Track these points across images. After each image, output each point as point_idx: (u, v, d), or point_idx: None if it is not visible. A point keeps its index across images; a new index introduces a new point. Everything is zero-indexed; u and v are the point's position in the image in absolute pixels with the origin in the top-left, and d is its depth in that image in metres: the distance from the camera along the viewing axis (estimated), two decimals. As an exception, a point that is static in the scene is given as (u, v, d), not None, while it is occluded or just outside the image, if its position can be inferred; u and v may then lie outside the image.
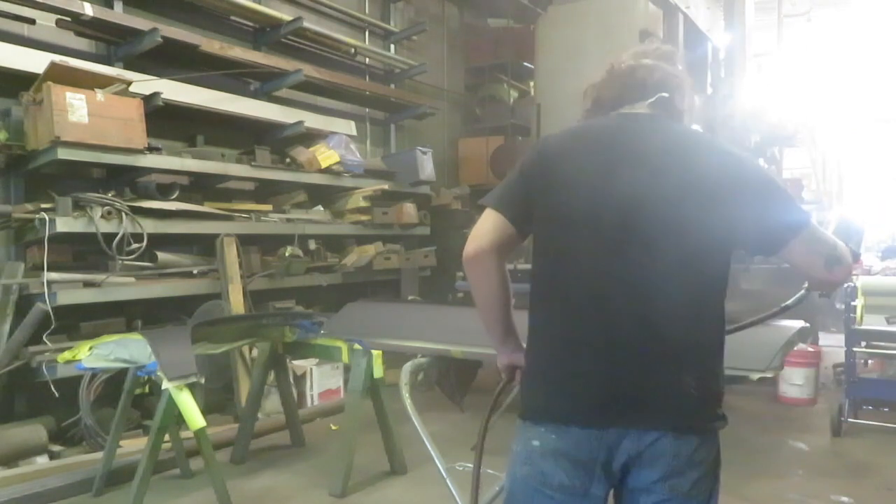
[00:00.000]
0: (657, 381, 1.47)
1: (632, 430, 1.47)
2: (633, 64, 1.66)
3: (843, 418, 4.74)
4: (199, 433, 3.23)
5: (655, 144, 1.53)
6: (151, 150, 4.52)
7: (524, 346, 1.67)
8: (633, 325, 1.47)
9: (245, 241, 5.24)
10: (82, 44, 4.79)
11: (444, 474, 2.82)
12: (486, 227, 1.58)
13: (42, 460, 3.98)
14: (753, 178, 1.50)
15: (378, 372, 3.84)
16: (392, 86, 7.53)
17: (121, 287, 4.36)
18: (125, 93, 4.35)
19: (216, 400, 4.95)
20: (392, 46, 7.67)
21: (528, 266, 1.80)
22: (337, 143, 6.03)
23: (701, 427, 1.51)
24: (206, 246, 5.15)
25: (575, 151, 1.58)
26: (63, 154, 4.01)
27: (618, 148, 1.54)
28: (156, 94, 4.58)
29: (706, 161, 1.51)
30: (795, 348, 2.17)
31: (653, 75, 1.62)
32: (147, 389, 4.18)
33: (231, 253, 4.98)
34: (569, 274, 1.53)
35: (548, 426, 1.52)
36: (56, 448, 4.13)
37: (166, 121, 4.88)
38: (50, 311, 3.95)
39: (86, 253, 4.49)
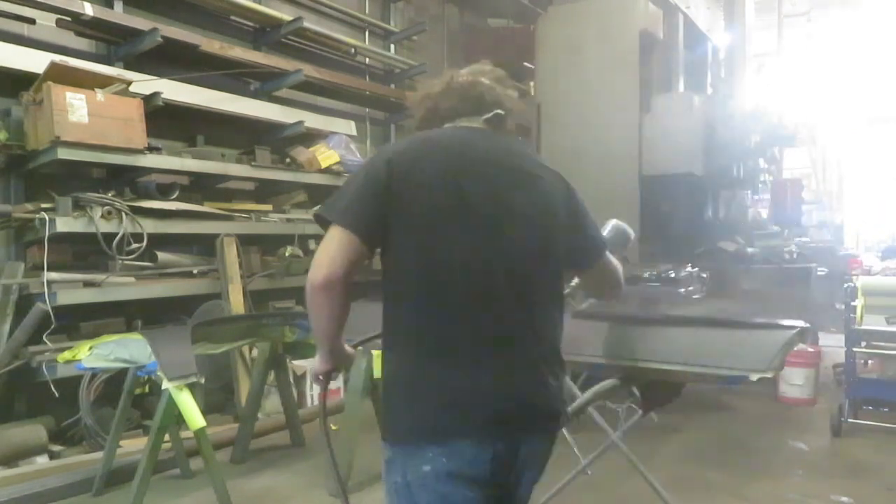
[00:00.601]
0: (541, 384, 1.52)
1: (526, 437, 1.49)
2: (472, 80, 1.73)
3: (843, 418, 4.74)
4: (199, 433, 3.23)
5: (501, 155, 1.61)
6: (151, 150, 4.52)
7: (348, 348, 1.70)
8: (519, 327, 1.50)
9: (245, 241, 5.24)
10: (82, 44, 4.78)
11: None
12: (337, 249, 1.46)
13: (42, 460, 3.98)
14: (577, 202, 1.68)
15: (378, 372, 3.84)
16: (392, 86, 7.53)
17: (121, 287, 4.36)
18: (125, 93, 4.35)
19: (216, 400, 4.95)
20: (392, 46, 7.67)
21: None
22: (337, 143, 6.02)
23: (560, 425, 1.59)
24: (206, 246, 5.15)
25: (427, 159, 1.54)
26: (63, 154, 4.01)
27: (469, 154, 1.57)
28: (156, 94, 4.58)
29: (544, 177, 1.64)
30: (795, 348, 2.17)
31: (490, 93, 1.71)
32: (147, 389, 4.18)
33: (231, 253, 4.97)
34: (444, 278, 1.47)
35: (434, 449, 1.44)
36: (56, 448, 4.13)
37: (166, 121, 4.87)
38: (50, 311, 3.94)
39: (86, 253, 4.49)
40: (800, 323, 2.18)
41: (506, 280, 1.49)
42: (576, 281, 1.95)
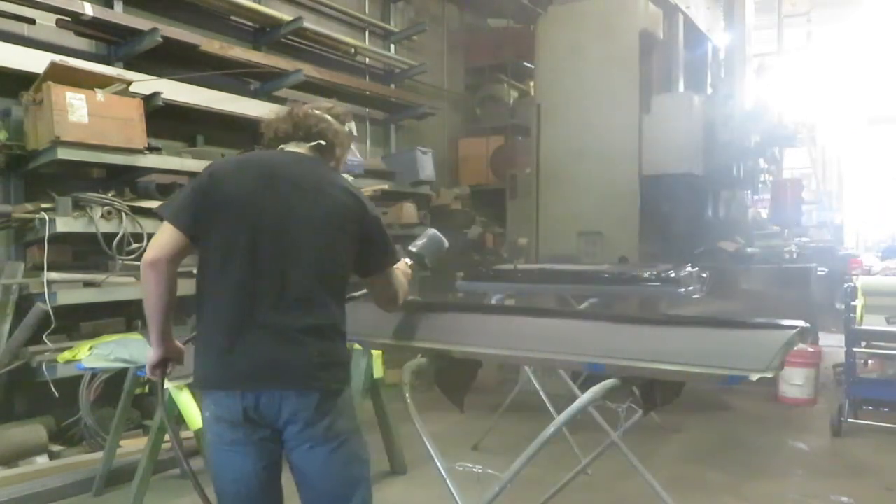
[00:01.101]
0: (289, 352, 1.87)
1: (267, 392, 1.86)
2: (308, 112, 2.10)
3: (843, 418, 4.74)
4: (200, 433, 3.23)
5: (304, 175, 1.99)
6: (151, 150, 4.52)
7: (178, 343, 2.08)
8: (268, 310, 1.87)
9: (245, 241, 5.23)
10: (82, 44, 4.78)
11: (444, 474, 2.82)
12: (164, 238, 1.90)
13: (42, 460, 3.98)
14: (371, 223, 2.03)
15: (378, 372, 3.84)
16: (392, 86, 7.53)
17: (121, 287, 4.35)
18: (125, 93, 4.35)
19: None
20: (392, 46, 7.67)
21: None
22: (337, 143, 6.02)
23: (319, 386, 1.90)
24: (206, 246, 5.14)
25: (239, 173, 1.97)
26: (63, 154, 4.00)
27: (276, 173, 1.97)
28: (156, 94, 4.58)
29: (340, 196, 2.00)
30: (795, 348, 2.16)
31: (319, 125, 2.08)
32: (147, 389, 4.18)
33: (231, 253, 4.96)
34: (229, 271, 1.89)
35: (208, 395, 1.95)
36: (56, 448, 4.13)
37: (166, 121, 4.87)
38: (50, 311, 3.94)
39: (86, 253, 4.48)
40: (800, 323, 2.18)
41: (275, 269, 1.88)
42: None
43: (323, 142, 2.08)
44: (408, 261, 2.45)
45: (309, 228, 1.93)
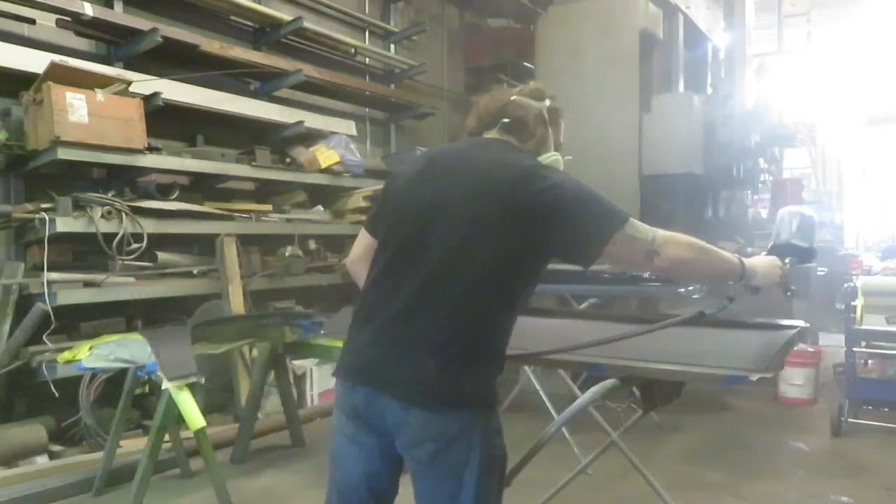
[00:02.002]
0: (402, 355, 1.69)
1: (373, 391, 1.71)
2: (488, 99, 1.95)
3: (843, 418, 4.74)
4: (199, 433, 3.23)
5: (470, 160, 1.81)
6: (151, 150, 4.52)
7: None
8: (399, 307, 1.71)
9: (245, 241, 5.24)
10: (82, 44, 4.78)
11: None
12: (357, 241, 2.04)
13: (42, 460, 3.98)
14: (550, 193, 1.67)
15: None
16: (392, 86, 7.52)
17: (121, 287, 4.36)
18: (125, 93, 4.35)
19: (216, 400, 4.95)
20: (392, 46, 7.67)
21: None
22: (337, 143, 6.02)
23: (428, 403, 1.67)
24: (206, 246, 5.15)
25: (409, 168, 1.93)
26: (63, 154, 4.00)
27: (438, 162, 1.88)
28: (156, 94, 4.58)
29: (508, 175, 1.71)
30: (795, 348, 2.16)
31: (499, 106, 1.89)
32: (147, 389, 4.18)
33: (231, 253, 4.97)
34: (375, 267, 1.84)
35: (337, 381, 1.84)
36: (56, 448, 4.12)
37: (166, 121, 4.87)
38: (50, 311, 3.94)
39: (86, 253, 4.48)
40: (800, 323, 2.18)
41: (415, 265, 1.71)
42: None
43: (506, 119, 1.86)
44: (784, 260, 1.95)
45: (452, 220, 1.69)
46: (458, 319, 1.68)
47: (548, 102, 1.95)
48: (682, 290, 4.17)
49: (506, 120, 1.86)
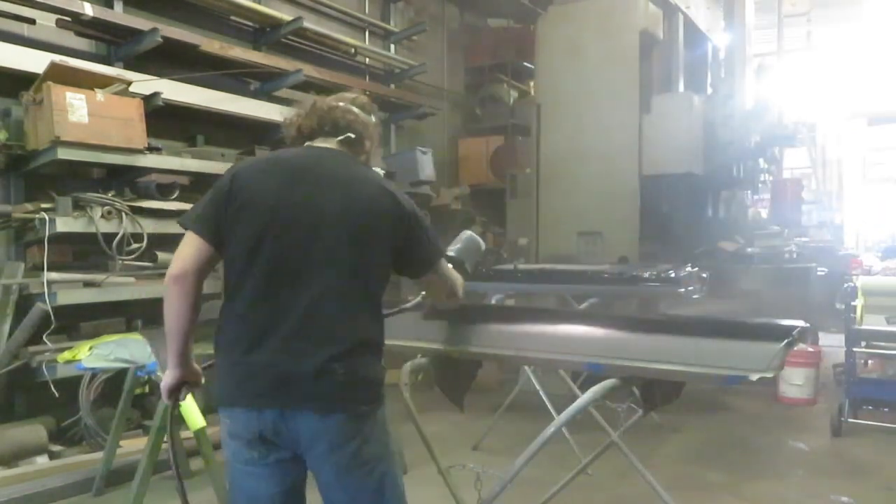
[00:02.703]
0: (309, 368, 1.69)
1: (285, 410, 1.70)
2: (332, 105, 1.94)
3: (843, 418, 4.74)
4: (199, 433, 3.23)
5: (332, 172, 1.82)
6: (151, 150, 4.52)
7: (195, 366, 1.90)
8: (290, 321, 1.71)
9: (245, 241, 5.23)
10: (82, 44, 4.78)
11: (443, 474, 2.82)
12: (188, 249, 1.76)
13: (42, 460, 3.98)
14: (411, 220, 1.85)
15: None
16: (392, 86, 7.53)
17: (121, 287, 4.35)
18: (125, 93, 4.35)
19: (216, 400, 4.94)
20: (392, 46, 7.67)
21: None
22: (337, 143, 6.02)
23: (344, 408, 1.72)
24: (206, 246, 5.14)
25: (263, 174, 1.82)
26: (63, 154, 4.00)
27: (302, 172, 1.82)
28: (156, 94, 4.58)
29: (373, 193, 1.82)
30: (795, 348, 2.16)
31: (345, 117, 1.92)
32: (147, 389, 4.18)
33: (231, 253, 4.96)
34: (251, 280, 1.74)
35: (223, 412, 1.79)
36: (56, 448, 4.12)
37: (166, 121, 4.87)
38: (50, 311, 3.94)
39: (86, 253, 4.49)
40: (800, 323, 2.18)
41: (299, 276, 1.72)
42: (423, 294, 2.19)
43: (352, 135, 1.91)
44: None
45: (337, 231, 1.74)
46: (356, 324, 1.76)
47: (373, 119, 2.02)
48: (682, 290, 4.17)
49: (351, 136, 1.92)
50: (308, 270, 1.73)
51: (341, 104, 1.95)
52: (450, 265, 2.13)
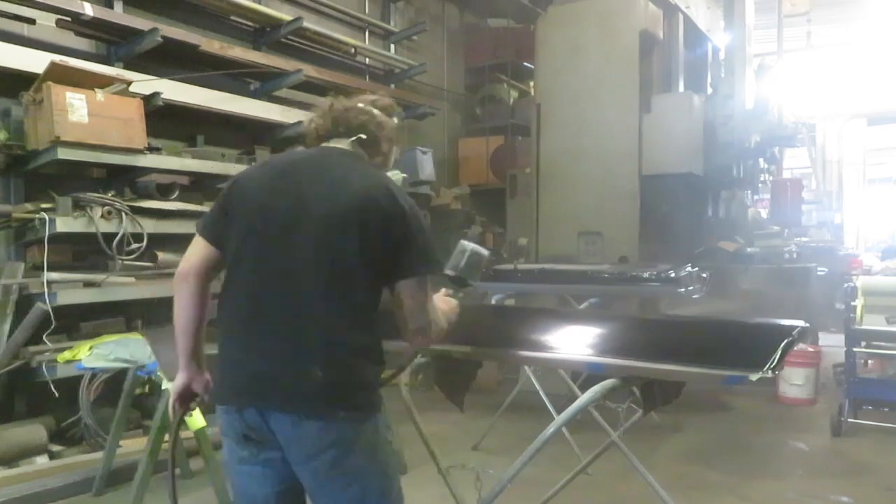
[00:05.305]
0: (286, 370, 1.66)
1: (264, 411, 1.66)
2: (348, 106, 1.90)
3: (843, 418, 4.74)
4: (199, 433, 3.23)
5: (326, 171, 1.78)
6: (151, 150, 4.52)
7: (206, 375, 1.87)
8: (272, 321, 1.68)
9: (245, 241, 5.23)
10: (82, 44, 4.78)
11: (443, 474, 2.82)
12: (193, 250, 1.82)
13: (42, 460, 3.98)
14: (405, 220, 1.72)
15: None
16: (392, 86, 7.53)
17: (121, 287, 4.36)
18: (125, 93, 4.35)
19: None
20: (392, 46, 7.67)
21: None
22: (337, 144, 6.02)
23: (320, 414, 1.65)
24: (206, 246, 5.14)
25: (258, 175, 1.84)
26: (63, 154, 4.01)
27: (293, 171, 1.80)
28: (156, 94, 4.58)
29: (368, 192, 1.72)
30: (795, 348, 2.16)
31: (358, 118, 1.87)
32: (147, 389, 4.17)
33: (231, 253, 4.96)
34: (238, 279, 1.75)
35: (217, 409, 1.77)
36: (56, 448, 4.12)
37: (166, 121, 4.87)
38: (50, 311, 3.94)
39: (86, 253, 4.49)
40: (800, 323, 2.18)
41: (282, 275, 1.69)
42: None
43: (363, 135, 1.86)
44: (445, 290, 2.11)
45: (323, 229, 1.69)
46: (338, 326, 1.68)
47: (395, 121, 1.97)
48: (682, 290, 4.17)
49: (363, 136, 1.86)
50: (288, 270, 1.69)
51: (359, 105, 1.91)
52: (444, 293, 2.06)
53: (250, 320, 1.71)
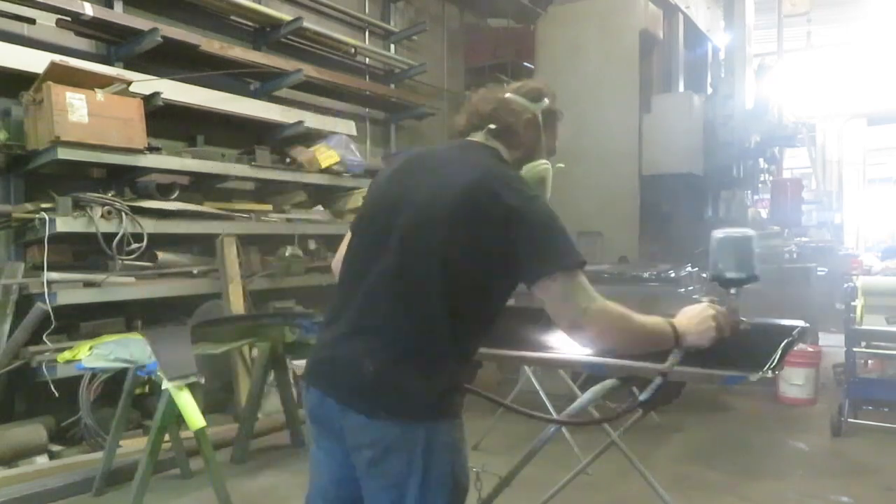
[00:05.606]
0: (347, 359, 1.63)
1: (331, 395, 1.65)
2: (485, 95, 1.81)
3: (843, 418, 4.74)
4: (199, 433, 3.23)
5: (443, 164, 1.70)
6: (151, 150, 4.52)
7: None
8: (352, 307, 1.66)
9: (245, 241, 5.24)
10: (82, 44, 4.78)
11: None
12: (342, 244, 1.89)
13: (42, 460, 3.98)
14: (520, 215, 1.55)
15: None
16: (392, 86, 7.53)
17: (121, 287, 4.36)
18: (125, 93, 4.35)
19: (216, 400, 4.95)
20: (392, 46, 7.67)
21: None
22: (337, 143, 6.02)
23: (365, 409, 1.59)
24: (206, 246, 5.15)
25: (389, 171, 1.81)
26: (63, 154, 4.01)
27: (410, 164, 1.77)
28: (156, 94, 4.58)
29: (479, 185, 1.58)
30: (795, 348, 2.16)
31: (487, 107, 1.76)
32: (147, 389, 4.18)
33: (231, 253, 4.97)
34: (342, 270, 1.79)
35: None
36: (56, 448, 4.12)
37: (166, 121, 4.87)
38: (50, 311, 3.94)
39: (86, 253, 4.49)
40: (800, 323, 2.18)
41: (371, 268, 1.65)
42: None
43: (492, 125, 1.74)
44: (710, 298, 1.87)
45: (413, 221, 1.60)
46: (400, 323, 1.59)
47: (545, 103, 1.79)
48: (682, 289, 4.18)
49: (492, 126, 1.74)
50: (375, 259, 1.63)
51: (498, 95, 1.78)
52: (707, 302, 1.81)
53: (337, 308, 1.71)
